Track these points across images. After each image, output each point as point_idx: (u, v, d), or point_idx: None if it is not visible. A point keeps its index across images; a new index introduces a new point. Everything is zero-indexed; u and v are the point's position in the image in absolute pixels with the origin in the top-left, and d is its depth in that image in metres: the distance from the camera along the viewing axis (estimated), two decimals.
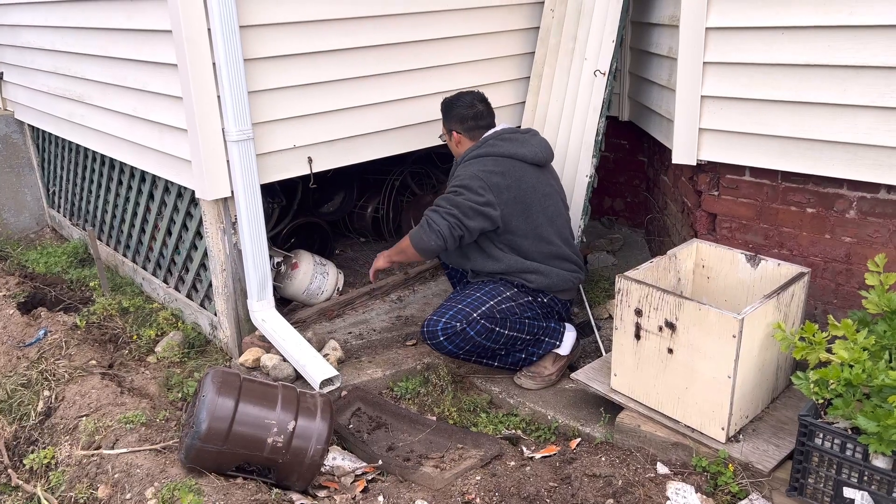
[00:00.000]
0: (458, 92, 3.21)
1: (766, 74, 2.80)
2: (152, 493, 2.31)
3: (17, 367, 3.25)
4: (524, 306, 3.00)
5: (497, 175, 2.92)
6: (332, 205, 4.54)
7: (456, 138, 3.16)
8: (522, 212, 2.95)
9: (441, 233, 2.86)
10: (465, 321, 2.84)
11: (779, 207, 2.96)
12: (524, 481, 2.37)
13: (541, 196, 3.00)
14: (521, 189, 2.94)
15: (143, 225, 3.92)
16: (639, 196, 4.60)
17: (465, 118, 3.11)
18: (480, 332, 2.85)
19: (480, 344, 2.88)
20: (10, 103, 5.15)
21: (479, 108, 3.12)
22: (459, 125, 3.13)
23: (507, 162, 2.97)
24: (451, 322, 2.84)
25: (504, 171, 2.94)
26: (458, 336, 2.84)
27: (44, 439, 2.85)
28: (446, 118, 3.18)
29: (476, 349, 2.92)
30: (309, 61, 3.09)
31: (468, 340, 2.86)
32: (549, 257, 3.03)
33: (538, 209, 2.98)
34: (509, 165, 2.96)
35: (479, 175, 2.91)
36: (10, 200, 5.10)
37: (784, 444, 2.37)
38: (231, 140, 2.89)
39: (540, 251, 3.01)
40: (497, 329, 2.89)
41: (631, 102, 4.21)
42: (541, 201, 3.00)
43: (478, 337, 2.86)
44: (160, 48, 2.99)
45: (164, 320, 3.61)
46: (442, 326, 2.85)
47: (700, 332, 2.33)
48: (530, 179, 2.98)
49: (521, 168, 2.97)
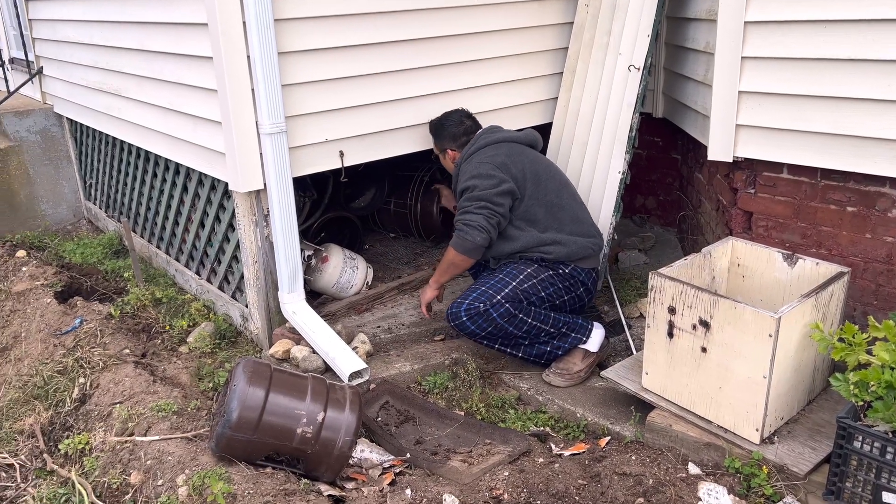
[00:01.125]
0: (443, 113, 3.37)
1: (806, 69, 2.74)
2: (183, 480, 2.33)
3: (53, 354, 3.31)
4: (545, 281, 3.00)
5: (500, 156, 3.06)
6: (364, 200, 4.55)
7: (451, 155, 3.31)
8: (533, 181, 3.04)
9: (481, 225, 2.94)
10: (488, 302, 2.88)
11: (818, 206, 2.90)
12: (553, 478, 2.35)
13: (545, 166, 3.16)
14: (525, 162, 3.08)
15: (177, 217, 3.97)
16: (671, 194, 4.54)
17: (456, 135, 3.28)
18: (503, 315, 2.88)
19: (503, 327, 2.90)
20: (49, 97, 5.25)
21: (467, 123, 3.29)
22: (453, 143, 3.29)
23: (503, 145, 3.13)
24: (475, 303, 2.89)
25: (503, 151, 3.09)
26: (480, 317, 2.88)
27: (78, 425, 2.90)
28: (438, 139, 3.35)
29: (499, 333, 2.93)
30: (342, 55, 3.10)
31: (491, 322, 2.88)
32: (565, 224, 3.07)
33: (546, 177, 3.10)
34: (507, 147, 3.12)
35: (484, 161, 3.05)
36: (49, 192, 5.21)
37: (821, 446, 2.32)
38: (264, 133, 2.91)
39: (556, 218, 3.06)
40: (520, 315, 2.91)
41: (665, 99, 4.15)
42: (547, 170, 3.14)
43: (500, 320, 2.88)
44: (196, 41, 3.02)
45: (196, 311, 3.65)
46: (465, 307, 2.90)
47: (735, 331, 2.29)
48: (530, 154, 3.15)
49: (517, 147, 3.14)
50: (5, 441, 2.91)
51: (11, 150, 4.98)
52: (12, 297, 3.91)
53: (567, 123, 3.84)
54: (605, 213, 3.52)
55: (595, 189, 3.59)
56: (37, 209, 5.14)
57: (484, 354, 3.22)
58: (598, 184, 3.58)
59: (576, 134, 3.76)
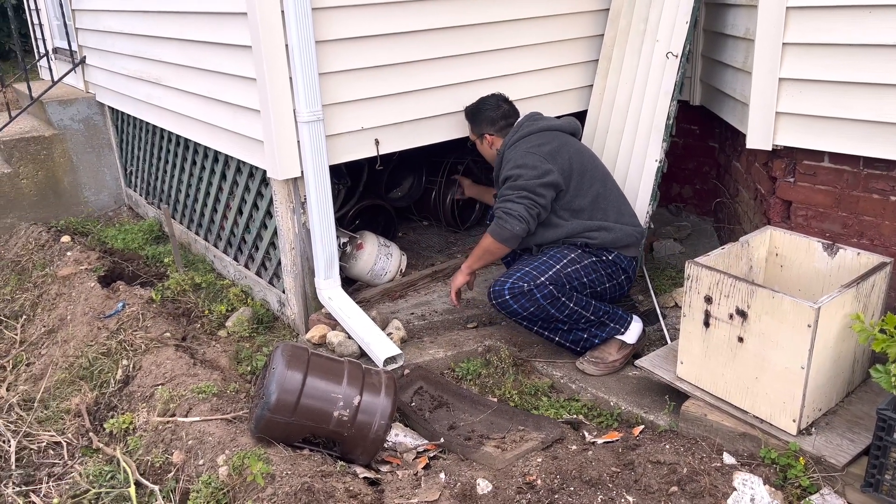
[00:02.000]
0: (479, 98, 3.36)
1: (849, 55, 2.68)
2: (223, 460, 2.39)
3: (97, 336, 3.41)
4: (588, 267, 3.00)
5: (546, 145, 3.05)
6: (401, 190, 4.57)
7: (489, 140, 3.30)
8: (578, 173, 3.04)
9: (521, 215, 2.94)
10: (532, 283, 2.87)
11: (860, 195, 2.84)
12: (586, 465, 2.37)
13: (589, 156, 3.16)
14: (571, 152, 3.07)
15: (216, 204, 4.04)
16: (708, 183, 4.49)
17: (494, 120, 3.27)
18: (546, 296, 2.88)
19: (545, 309, 2.90)
20: (91, 86, 5.37)
21: (504, 107, 3.28)
22: (491, 127, 3.28)
23: (549, 133, 3.11)
24: (519, 282, 2.89)
25: (549, 140, 3.08)
26: (524, 296, 2.88)
27: (122, 405, 2.99)
28: (475, 124, 3.34)
29: (540, 314, 2.92)
30: (378, 43, 3.12)
31: (534, 302, 2.88)
32: (609, 213, 3.08)
33: (591, 167, 3.10)
34: (552, 136, 3.10)
35: (530, 150, 3.03)
36: (91, 180, 5.33)
37: (859, 438, 2.29)
38: (302, 121, 2.95)
39: (600, 207, 3.07)
40: (562, 299, 2.90)
41: (703, 86, 4.09)
42: (591, 160, 3.14)
43: (543, 301, 2.88)
44: (235, 31, 3.06)
45: (234, 296, 3.72)
46: (509, 286, 2.90)
47: (773, 320, 2.27)
48: (574, 144, 3.14)
49: (563, 136, 3.13)
50: (53, 420, 3.01)
51: (56, 138, 5.11)
52: (58, 281, 4.03)
53: (602, 111, 3.81)
54: (641, 202, 3.50)
55: (631, 178, 3.57)
56: (80, 196, 5.28)
57: (517, 342, 3.24)
58: (633, 172, 3.55)
59: (611, 122, 3.73)
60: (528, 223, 2.95)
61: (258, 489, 2.24)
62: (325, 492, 2.21)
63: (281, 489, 2.22)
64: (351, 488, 2.28)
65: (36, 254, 4.46)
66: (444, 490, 2.30)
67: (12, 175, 4.95)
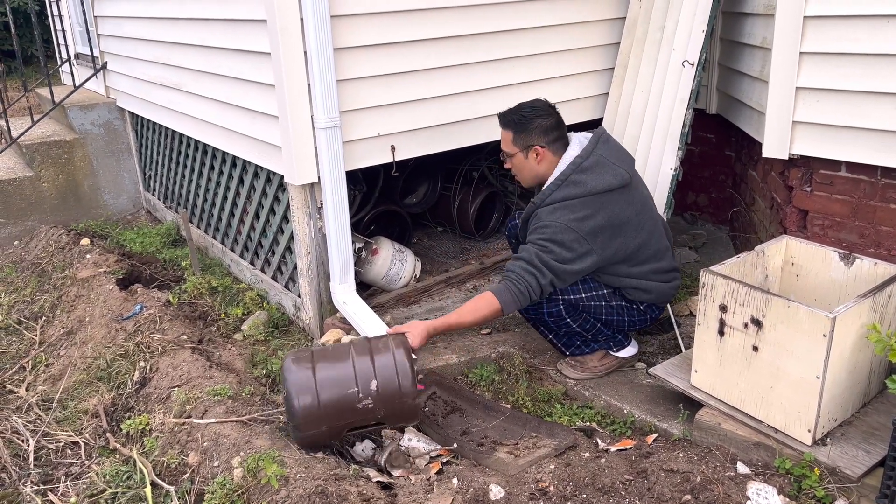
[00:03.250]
0: (520, 104, 2.85)
1: (868, 65, 2.68)
2: (238, 462, 2.42)
3: (115, 338, 3.45)
4: (614, 309, 2.86)
5: (590, 219, 2.64)
6: (417, 196, 4.60)
7: (539, 154, 2.79)
8: (622, 245, 2.74)
9: (532, 293, 2.65)
10: (546, 296, 2.75)
11: (877, 205, 2.83)
12: (599, 472, 2.36)
13: (634, 219, 2.75)
14: (615, 225, 2.69)
15: (233, 208, 4.09)
16: (724, 192, 4.48)
17: (549, 129, 2.76)
18: (553, 314, 2.86)
19: (545, 322, 2.92)
20: (112, 91, 5.45)
21: (556, 115, 2.80)
22: (544, 138, 2.77)
23: (596, 200, 2.65)
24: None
25: (595, 211, 2.65)
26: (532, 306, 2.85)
27: (139, 407, 3.03)
28: (524, 133, 2.78)
29: (540, 323, 2.96)
30: (396, 51, 3.15)
31: (538, 315, 2.89)
32: (649, 274, 2.86)
33: (633, 235, 2.76)
34: (598, 204, 2.65)
35: (571, 227, 2.62)
36: (111, 183, 5.41)
37: (875, 450, 2.27)
38: (319, 127, 2.98)
39: (639, 271, 2.84)
40: (567, 320, 2.88)
41: (719, 95, 4.09)
42: (635, 225, 2.75)
43: (548, 318, 2.89)
44: (254, 37, 3.10)
45: (250, 300, 3.76)
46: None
47: (788, 330, 2.26)
48: (622, 209, 2.71)
49: (610, 201, 2.68)
50: (71, 420, 3.05)
51: (77, 142, 5.19)
52: (77, 283, 4.09)
53: (618, 119, 3.82)
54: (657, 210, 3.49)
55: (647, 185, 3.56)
56: (99, 199, 5.35)
57: (530, 349, 3.24)
58: (649, 180, 3.55)
59: (627, 129, 3.74)
60: (540, 297, 2.71)
61: (272, 491, 2.25)
62: (338, 495, 2.23)
63: (294, 492, 2.24)
64: (364, 492, 2.29)
65: (56, 256, 4.52)
66: (457, 495, 2.30)
67: (34, 178, 5.03)
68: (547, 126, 2.77)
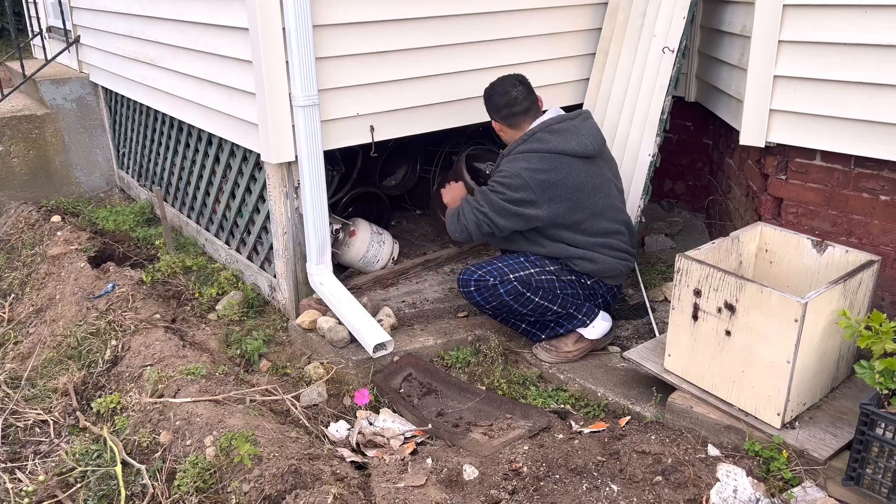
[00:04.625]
0: (498, 77, 3.06)
1: (844, 54, 2.70)
2: (211, 441, 2.40)
3: (86, 317, 3.40)
4: (565, 283, 2.98)
5: (543, 173, 2.83)
6: (396, 178, 4.58)
7: (497, 127, 3.09)
8: (569, 209, 2.88)
9: (467, 227, 2.94)
10: (499, 278, 2.88)
11: (850, 194, 2.87)
12: (572, 454, 2.38)
13: (590, 190, 2.90)
14: (568, 186, 2.85)
15: (209, 187, 4.03)
16: (701, 179, 4.51)
17: (499, 107, 3.01)
18: (510, 292, 2.88)
19: (508, 304, 2.91)
20: (85, 66, 5.33)
21: (512, 94, 2.96)
22: (496, 114, 3.04)
23: (554, 158, 2.85)
24: (486, 276, 2.90)
25: (551, 167, 2.84)
26: (487, 290, 2.89)
27: (110, 385, 2.99)
28: (487, 109, 3.09)
29: (503, 308, 2.95)
30: (376, 29, 3.11)
31: (497, 297, 2.90)
32: (596, 246, 2.97)
33: (586, 204, 2.90)
34: (557, 162, 2.85)
35: (522, 173, 2.83)
36: (83, 160, 5.30)
37: (842, 433, 2.32)
38: (297, 105, 2.94)
39: (586, 241, 2.95)
40: (527, 294, 2.90)
41: (699, 83, 4.11)
42: (589, 196, 2.90)
43: (507, 296, 2.89)
44: (232, 12, 3.05)
45: (225, 280, 3.72)
46: (476, 277, 2.91)
47: (761, 315, 2.29)
48: (579, 175, 2.88)
49: (569, 163, 2.86)
50: (40, 398, 3.00)
51: (48, 117, 5.08)
52: (47, 261, 4.01)
53: (598, 104, 3.82)
54: (634, 196, 3.51)
55: (624, 171, 3.58)
56: (71, 176, 5.25)
57: (506, 332, 3.25)
58: (627, 166, 3.57)
59: (606, 115, 3.74)
60: (471, 235, 2.95)
61: (245, 470, 2.24)
62: (311, 474, 2.23)
63: (268, 471, 2.23)
64: (338, 471, 2.29)
65: (26, 233, 4.43)
66: (431, 475, 2.31)
67: (3, 153, 4.91)
68: (498, 104, 3.02)
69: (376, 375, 2.98)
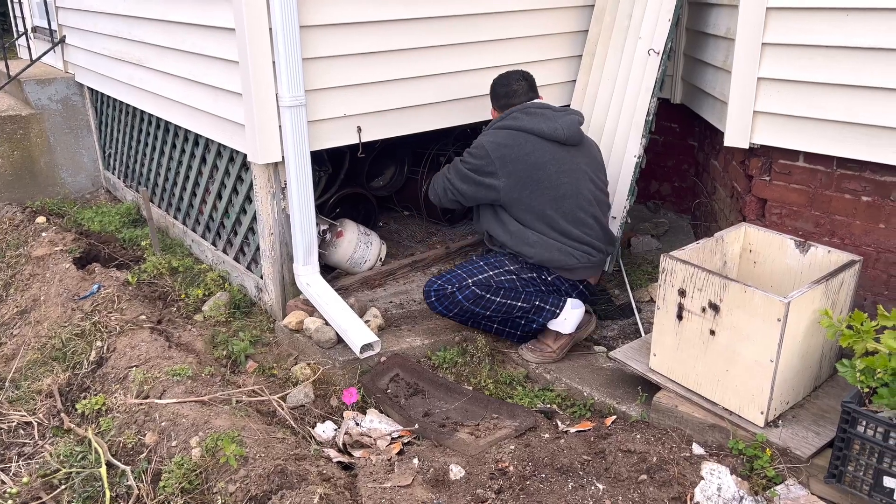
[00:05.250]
0: (507, 71, 3.22)
1: (826, 57, 2.73)
2: (196, 441, 2.39)
3: (71, 318, 3.37)
4: (526, 281, 3.04)
5: (505, 147, 2.97)
6: (383, 179, 4.58)
7: (494, 116, 3.26)
8: (526, 185, 2.96)
9: (437, 191, 3.20)
10: (457, 285, 2.97)
11: (832, 195, 2.90)
12: (558, 453, 2.40)
13: (553, 173, 2.98)
14: (528, 162, 2.96)
15: (195, 188, 4.02)
16: (687, 181, 4.54)
17: (499, 96, 3.19)
18: (469, 297, 2.95)
19: (469, 309, 2.98)
20: (71, 66, 5.30)
21: (513, 87, 3.13)
22: (496, 102, 3.22)
23: (520, 136, 2.99)
24: (445, 285, 2.99)
25: (514, 143, 2.98)
26: (447, 298, 2.98)
27: (95, 387, 2.97)
28: (490, 96, 3.27)
29: (466, 314, 3.01)
30: (364, 30, 3.11)
31: (456, 304, 2.98)
32: (555, 233, 3.01)
33: (546, 185, 2.97)
34: (522, 139, 2.99)
35: (485, 144, 3.01)
36: (69, 161, 5.27)
37: (824, 431, 2.34)
38: (284, 105, 2.94)
39: (544, 228, 3.01)
40: (487, 296, 2.96)
41: (684, 85, 4.14)
42: (552, 178, 2.97)
43: (466, 302, 2.96)
44: (219, 12, 3.04)
45: (211, 281, 3.70)
46: (436, 287, 3.00)
47: (744, 314, 2.31)
48: (542, 155, 2.97)
49: (534, 143, 2.98)
50: (24, 400, 2.98)
51: (33, 117, 5.04)
52: (32, 262, 3.98)
53: (584, 106, 3.84)
54: (620, 197, 3.53)
55: (611, 172, 3.59)
56: (56, 177, 5.21)
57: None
58: (613, 167, 3.59)
59: (593, 116, 3.76)
60: (440, 200, 3.19)
61: (231, 471, 2.24)
62: (297, 474, 2.22)
63: (254, 471, 2.23)
64: (324, 472, 2.29)
65: (10, 234, 4.40)
66: (418, 475, 2.31)
67: None
68: (499, 93, 3.20)
69: (363, 376, 2.98)
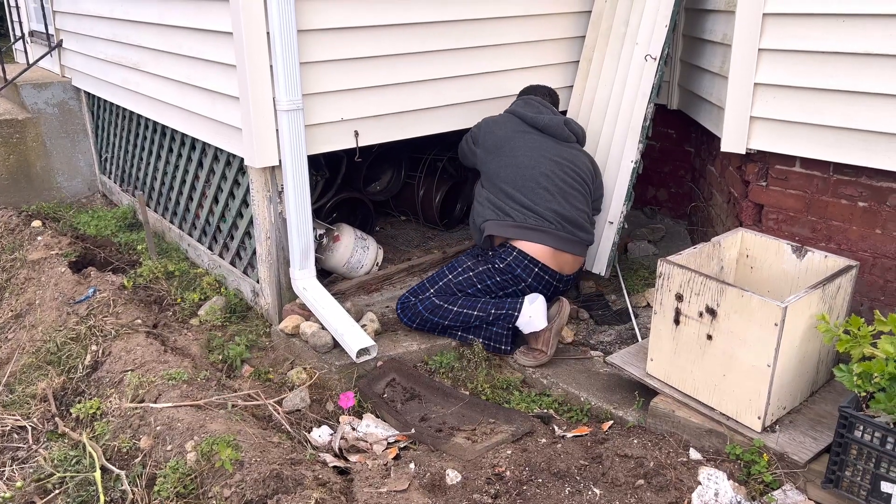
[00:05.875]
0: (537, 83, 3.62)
1: (822, 63, 2.74)
2: (192, 445, 2.38)
3: (67, 322, 3.36)
4: (482, 274, 3.15)
5: (493, 123, 3.39)
6: (380, 184, 4.57)
7: None
8: (492, 153, 3.28)
9: (462, 150, 3.54)
10: (419, 295, 3.15)
11: (829, 200, 2.90)
12: (555, 458, 2.39)
13: (518, 146, 3.26)
14: (498, 135, 3.31)
15: (192, 192, 4.01)
16: (683, 187, 4.55)
17: (523, 92, 3.57)
18: (428, 307, 3.09)
19: (428, 319, 3.12)
20: (67, 70, 5.29)
21: (531, 101, 3.42)
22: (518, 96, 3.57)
23: (509, 117, 3.39)
24: (410, 297, 3.18)
25: (501, 121, 3.38)
26: (410, 309, 3.16)
27: (90, 391, 2.95)
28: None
29: (427, 324, 3.14)
30: (361, 35, 3.12)
31: (417, 315, 3.13)
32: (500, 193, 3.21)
33: (506, 152, 3.25)
34: (506, 119, 3.39)
35: (484, 119, 3.46)
36: (65, 165, 5.26)
37: (822, 436, 2.34)
38: (281, 109, 2.94)
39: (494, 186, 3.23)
40: (445, 305, 3.07)
41: (681, 90, 4.15)
42: (516, 150, 3.25)
43: (425, 312, 3.09)
44: (216, 16, 3.04)
45: (207, 285, 3.69)
46: (403, 299, 3.20)
47: (741, 319, 2.31)
48: (514, 133, 3.30)
49: (516, 124, 3.34)
50: (18, 404, 2.96)
51: (29, 121, 5.03)
52: (27, 266, 3.97)
53: (581, 111, 3.85)
54: (617, 202, 3.54)
55: (608, 178, 3.60)
56: (52, 181, 5.20)
57: None
58: (610, 172, 3.59)
59: (590, 122, 3.77)
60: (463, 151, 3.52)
61: (226, 475, 2.23)
62: (293, 479, 2.21)
63: (249, 475, 2.21)
64: (320, 476, 2.28)
65: (5, 238, 4.38)
66: (414, 480, 2.30)
67: None
68: (525, 90, 3.58)
69: (360, 380, 2.97)
